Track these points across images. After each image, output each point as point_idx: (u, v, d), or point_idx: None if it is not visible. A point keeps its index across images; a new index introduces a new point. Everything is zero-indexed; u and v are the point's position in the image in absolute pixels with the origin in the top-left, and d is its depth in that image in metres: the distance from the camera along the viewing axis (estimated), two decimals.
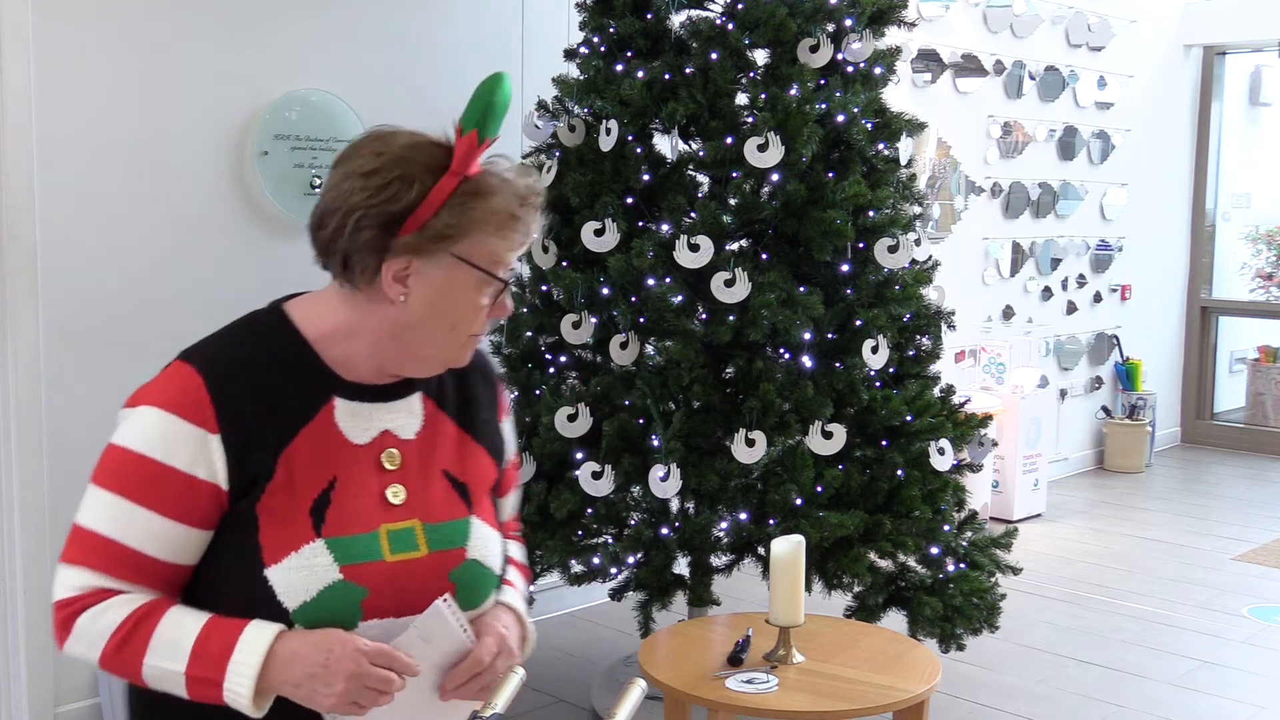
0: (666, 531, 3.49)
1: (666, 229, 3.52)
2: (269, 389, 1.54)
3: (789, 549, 2.85)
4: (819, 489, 3.41)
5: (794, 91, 3.47)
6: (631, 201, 3.60)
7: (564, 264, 3.63)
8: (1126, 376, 7.55)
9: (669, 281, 3.44)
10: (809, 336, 3.47)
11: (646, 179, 3.59)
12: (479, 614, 1.64)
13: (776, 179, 3.46)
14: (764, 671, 2.80)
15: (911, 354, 3.74)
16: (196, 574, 1.54)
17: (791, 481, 3.39)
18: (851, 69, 3.62)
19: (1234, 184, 8.31)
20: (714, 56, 3.54)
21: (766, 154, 3.40)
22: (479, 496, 1.68)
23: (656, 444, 3.40)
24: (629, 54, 3.70)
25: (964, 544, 3.70)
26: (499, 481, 1.75)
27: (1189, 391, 8.24)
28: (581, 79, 3.73)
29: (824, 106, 3.50)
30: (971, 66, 6.33)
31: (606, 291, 3.54)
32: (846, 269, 3.55)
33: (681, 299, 3.46)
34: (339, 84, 3.96)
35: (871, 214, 3.55)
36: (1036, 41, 6.70)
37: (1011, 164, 6.67)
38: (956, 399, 3.81)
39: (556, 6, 4.51)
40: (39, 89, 3.36)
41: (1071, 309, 7.22)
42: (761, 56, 3.64)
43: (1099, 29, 7.04)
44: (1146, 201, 7.65)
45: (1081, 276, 7.27)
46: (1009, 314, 6.76)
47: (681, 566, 3.68)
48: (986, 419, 3.98)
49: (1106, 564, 5.56)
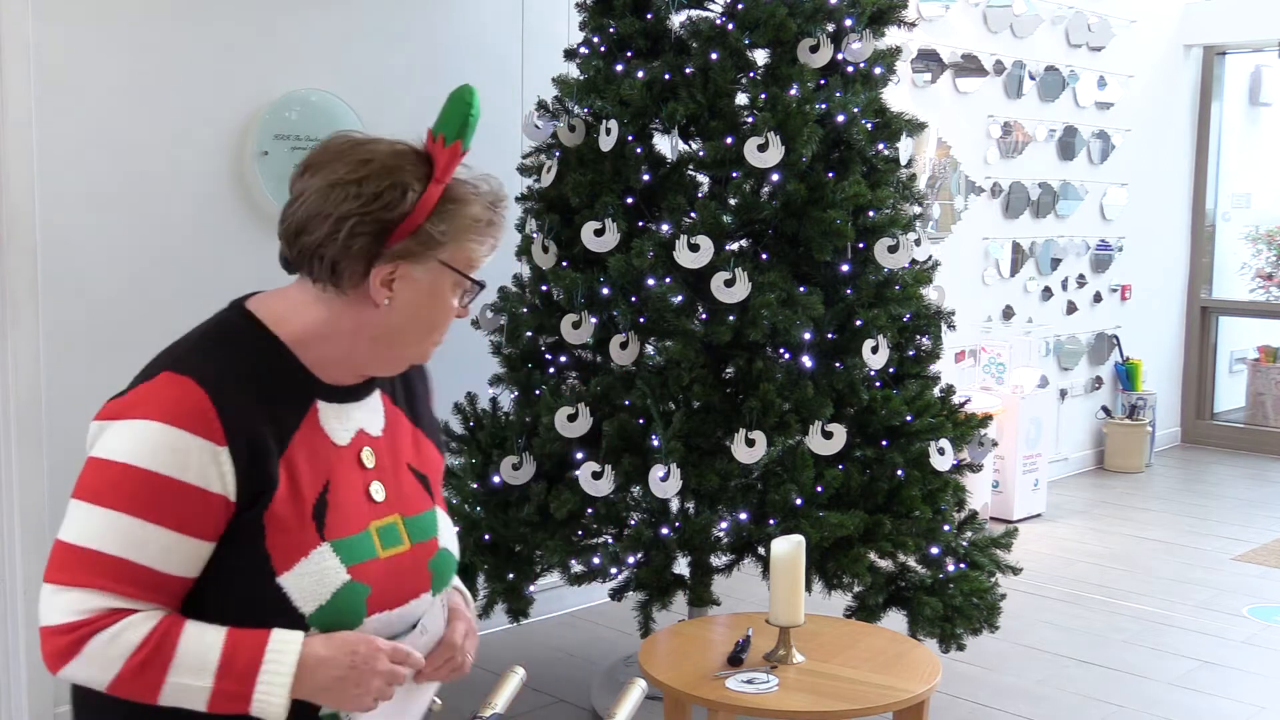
0: (666, 531, 3.49)
1: (666, 229, 3.52)
2: (265, 397, 1.54)
3: (789, 549, 2.85)
4: (819, 489, 3.41)
5: (794, 91, 3.47)
6: (631, 201, 3.60)
7: (564, 264, 3.63)
8: (1126, 376, 7.55)
9: (669, 281, 3.44)
10: (809, 336, 3.46)
11: (646, 179, 3.59)
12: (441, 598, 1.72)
13: (776, 179, 3.46)
14: (764, 671, 2.80)
15: (911, 354, 3.74)
16: (201, 585, 1.52)
17: (791, 481, 3.39)
18: (851, 69, 3.62)
19: (1234, 184, 8.31)
20: (714, 56, 3.54)
21: (766, 154, 3.40)
22: (436, 487, 1.76)
23: (656, 444, 3.40)
24: (629, 54, 3.70)
25: (964, 544, 3.70)
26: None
27: (1189, 391, 8.24)
28: (581, 79, 3.73)
29: (824, 106, 3.50)
30: (971, 66, 6.32)
31: (606, 291, 3.54)
32: (846, 269, 3.55)
33: (681, 299, 3.46)
34: (339, 84, 3.96)
35: (871, 214, 3.55)
36: (1036, 41, 6.70)
37: (1011, 164, 6.67)
38: (956, 399, 3.81)
39: (556, 6, 4.51)
40: (39, 89, 3.37)
41: (1071, 309, 7.22)
42: (761, 56, 3.64)
43: (1099, 29, 7.04)
44: (1146, 201, 7.65)
45: (1081, 276, 7.26)
46: (1009, 314, 6.76)
47: (681, 566, 3.68)
48: (986, 419, 3.98)
49: (1106, 564, 5.56)
